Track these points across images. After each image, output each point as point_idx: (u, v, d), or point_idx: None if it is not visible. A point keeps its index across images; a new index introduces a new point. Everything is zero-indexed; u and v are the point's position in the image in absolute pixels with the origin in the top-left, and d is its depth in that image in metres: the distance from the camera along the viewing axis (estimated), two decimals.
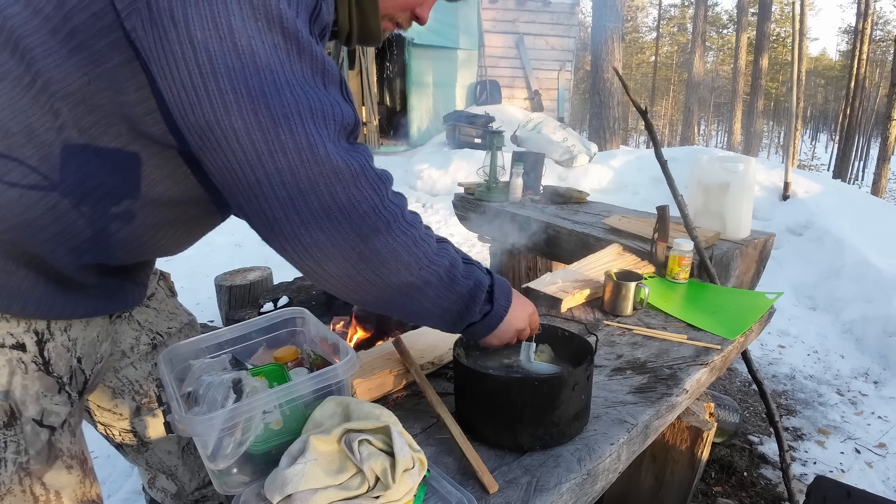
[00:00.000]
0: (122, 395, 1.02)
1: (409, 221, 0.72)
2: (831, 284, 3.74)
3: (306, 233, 0.64)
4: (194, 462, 1.12)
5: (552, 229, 2.29)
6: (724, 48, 27.89)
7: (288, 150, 0.61)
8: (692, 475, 1.55)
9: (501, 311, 0.88)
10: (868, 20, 17.09)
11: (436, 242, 0.77)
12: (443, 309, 0.80)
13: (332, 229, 0.64)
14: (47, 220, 0.71)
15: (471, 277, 0.81)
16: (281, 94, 0.60)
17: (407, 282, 0.73)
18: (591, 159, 6.26)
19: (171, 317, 1.08)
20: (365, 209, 0.66)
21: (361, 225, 0.66)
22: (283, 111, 0.60)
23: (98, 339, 0.90)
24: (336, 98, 0.66)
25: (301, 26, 0.62)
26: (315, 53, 0.63)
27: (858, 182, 18.97)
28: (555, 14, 9.63)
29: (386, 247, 0.68)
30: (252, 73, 0.59)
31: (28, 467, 0.78)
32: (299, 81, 0.62)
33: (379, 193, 0.67)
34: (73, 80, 0.65)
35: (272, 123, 0.60)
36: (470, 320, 0.85)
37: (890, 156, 12.11)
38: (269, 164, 0.61)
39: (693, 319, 1.43)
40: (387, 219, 0.68)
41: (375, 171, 0.68)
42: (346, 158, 0.64)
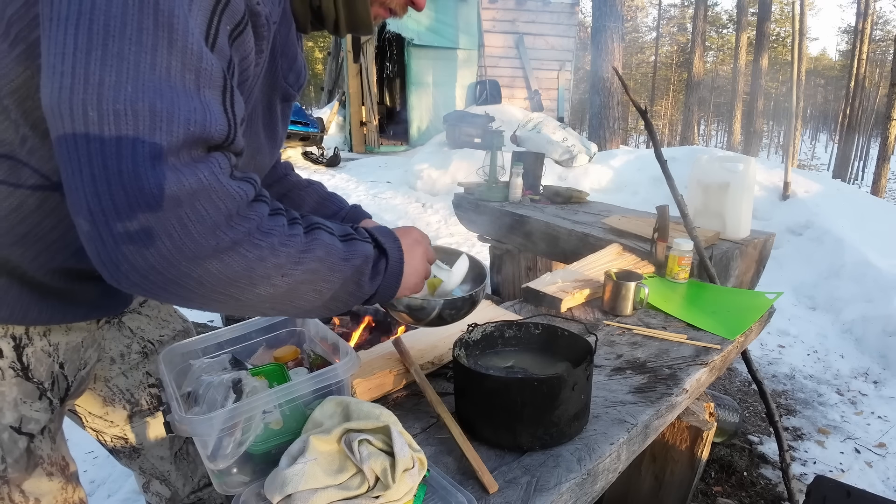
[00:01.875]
0: (114, 404, 1.00)
1: (266, 231, 0.61)
2: (831, 284, 3.75)
3: (123, 260, 0.53)
4: (187, 467, 1.11)
5: (552, 229, 2.29)
6: (724, 48, 27.90)
7: (108, 155, 0.51)
8: (692, 475, 1.55)
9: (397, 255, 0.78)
10: (868, 20, 17.10)
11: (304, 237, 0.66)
12: (328, 297, 0.71)
13: (158, 256, 0.54)
14: (12, 222, 0.69)
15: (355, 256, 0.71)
16: (120, 88, 0.51)
17: (268, 294, 0.63)
18: (590, 159, 6.26)
19: (164, 324, 1.05)
20: (200, 231, 0.55)
21: (196, 251, 0.55)
22: (116, 108, 0.51)
23: (83, 345, 0.87)
24: (208, 104, 0.56)
25: (182, 14, 0.53)
26: (190, 48, 0.54)
27: (858, 182, 18.99)
28: (555, 14, 9.64)
29: (231, 268, 0.58)
30: (98, 57, 0.51)
31: (6, 475, 0.77)
32: (156, 76, 0.52)
33: (223, 212, 0.56)
34: (15, 75, 0.63)
35: (98, 120, 0.51)
36: (367, 293, 0.75)
37: (890, 155, 12.11)
38: (87, 168, 0.51)
39: (693, 319, 1.43)
40: (233, 239, 0.57)
41: (224, 187, 0.57)
42: (183, 172, 0.53)
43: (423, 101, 9.09)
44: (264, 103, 0.79)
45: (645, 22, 32.99)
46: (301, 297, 0.67)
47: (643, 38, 32.23)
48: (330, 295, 0.70)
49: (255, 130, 0.80)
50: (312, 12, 0.79)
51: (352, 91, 9.05)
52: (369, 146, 9.30)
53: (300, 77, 0.85)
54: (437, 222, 5.43)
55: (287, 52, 0.78)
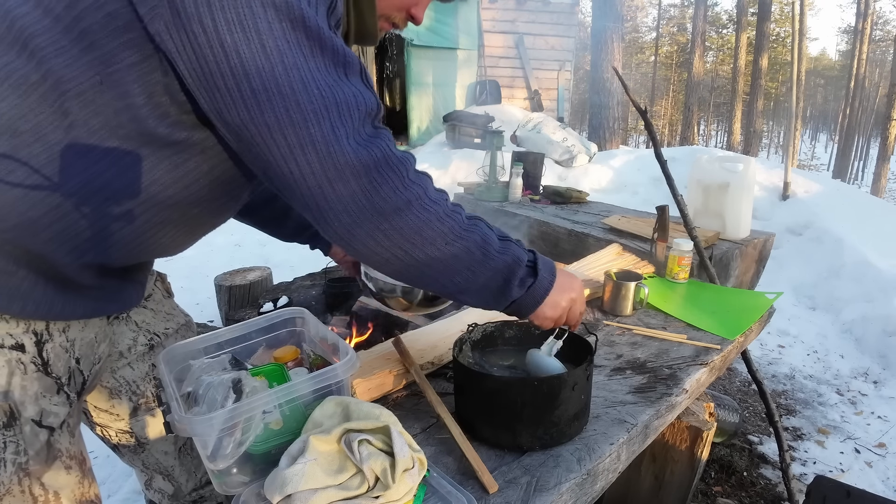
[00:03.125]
0: (120, 396, 1.01)
1: (433, 199, 0.75)
2: (831, 284, 3.75)
3: (335, 218, 0.70)
4: (191, 463, 1.12)
5: (552, 229, 2.29)
6: (724, 48, 27.89)
7: (317, 143, 0.66)
8: (692, 475, 1.55)
9: (546, 283, 0.88)
10: (868, 20, 17.10)
11: (465, 219, 0.79)
12: (479, 284, 0.82)
13: (358, 212, 0.69)
14: (50, 220, 0.71)
15: (507, 253, 0.83)
16: (309, 91, 0.64)
17: (434, 256, 0.76)
18: (590, 159, 6.25)
19: (168, 317, 1.08)
20: (386, 191, 0.70)
21: (383, 206, 0.70)
22: (312, 107, 0.65)
23: (96, 340, 0.90)
24: (358, 87, 0.70)
25: (321, 23, 0.66)
26: (336, 47, 0.67)
27: (858, 182, 19.00)
28: (555, 14, 9.63)
29: (408, 224, 0.72)
30: (281, 72, 0.63)
31: (27, 468, 0.79)
32: (324, 76, 0.66)
33: (399, 175, 0.71)
34: (84, 79, 0.65)
35: (302, 119, 0.64)
36: (512, 296, 0.86)
37: (889, 155, 12.12)
38: (300, 156, 0.66)
39: (693, 319, 1.43)
40: (407, 198, 0.72)
41: (396, 155, 0.72)
42: (369, 146, 0.69)
43: (423, 101, 9.08)
44: None
45: (645, 22, 33.00)
46: (458, 271, 0.79)
47: (643, 38, 32.23)
48: (482, 281, 0.82)
49: None
50: None
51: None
52: None
53: None
54: None
55: None
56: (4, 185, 0.68)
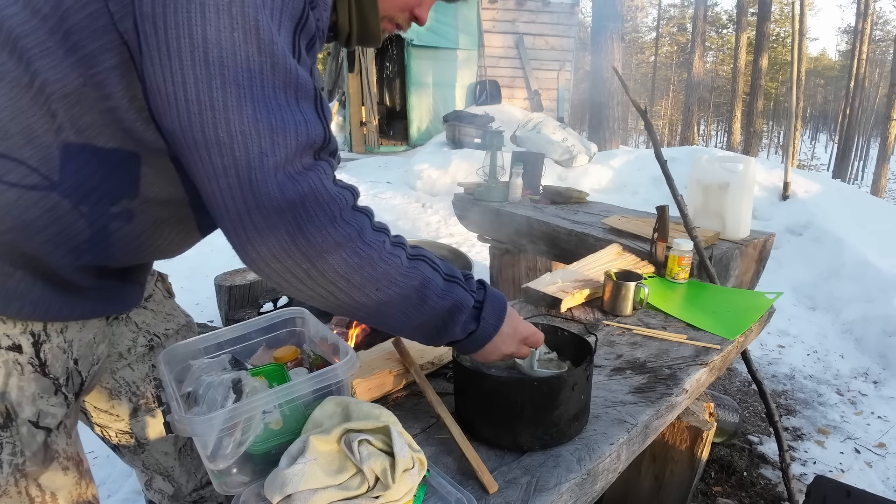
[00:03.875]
0: (120, 397, 1.01)
1: (368, 241, 0.70)
2: (831, 284, 3.75)
3: (253, 249, 0.66)
4: (191, 463, 1.12)
5: (552, 229, 2.29)
6: (724, 48, 27.89)
7: (240, 169, 0.61)
8: (692, 475, 1.55)
9: (489, 332, 0.85)
10: (868, 20, 17.10)
11: (406, 261, 0.74)
12: (413, 326, 0.79)
13: (278, 248, 0.65)
14: (46, 222, 0.71)
15: (449, 298, 0.78)
16: (243, 111, 0.60)
17: (362, 302, 0.72)
18: (590, 159, 6.26)
19: (169, 318, 1.08)
20: (311, 231, 0.65)
21: (307, 246, 0.66)
22: (242, 128, 0.60)
23: (95, 341, 0.89)
24: (307, 115, 0.65)
25: (279, 39, 0.61)
26: (289, 68, 0.63)
27: (858, 182, 19.00)
28: (554, 14, 9.63)
29: (334, 268, 0.68)
30: (218, 85, 0.59)
31: (24, 469, 0.78)
32: (267, 97, 0.61)
33: (329, 213, 0.66)
34: (68, 81, 0.65)
35: (229, 139, 0.60)
36: (450, 339, 0.83)
37: (889, 155, 12.12)
38: (223, 179, 0.62)
39: (693, 319, 1.43)
40: (336, 240, 0.67)
41: (328, 191, 0.67)
42: (297, 179, 0.64)
43: (423, 102, 9.08)
44: None
45: (645, 22, 33.00)
46: (390, 315, 0.76)
47: (643, 38, 32.23)
48: (418, 323, 0.78)
49: None
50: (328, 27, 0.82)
51: (351, 91, 9.04)
52: (369, 146, 9.29)
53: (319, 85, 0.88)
54: (437, 222, 5.43)
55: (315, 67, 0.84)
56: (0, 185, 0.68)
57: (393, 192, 6.36)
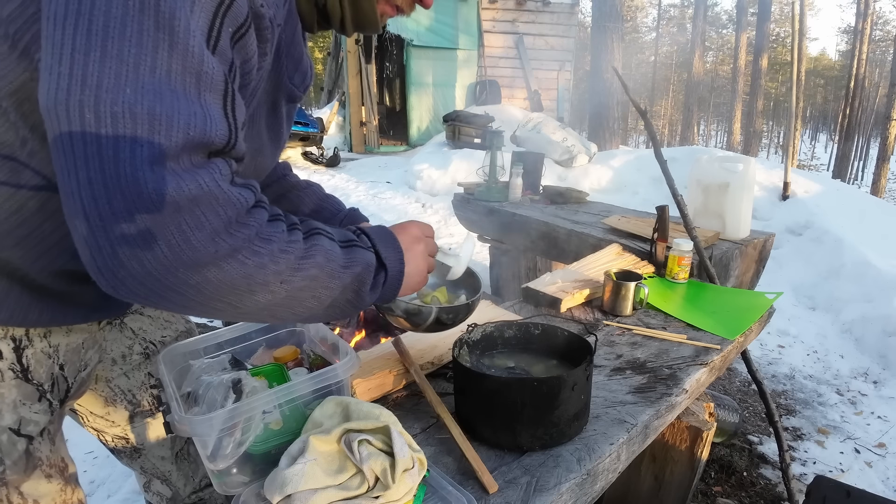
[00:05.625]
0: (115, 404, 0.99)
1: (265, 237, 0.60)
2: (831, 284, 3.75)
3: (119, 266, 0.52)
4: (188, 467, 1.11)
5: (552, 229, 2.29)
6: (724, 48, 27.90)
7: (105, 158, 0.50)
8: (692, 475, 1.55)
9: (398, 267, 0.76)
10: (868, 20, 17.10)
11: (303, 242, 0.65)
12: (326, 305, 0.69)
13: (155, 262, 0.53)
14: (13, 224, 0.68)
15: (355, 263, 0.70)
16: (119, 90, 0.50)
17: (266, 301, 0.62)
18: (590, 159, 6.26)
19: (167, 325, 1.05)
20: (200, 239, 0.54)
21: (195, 257, 0.54)
22: (114, 110, 0.50)
23: (83, 346, 0.87)
24: (207, 108, 0.55)
25: (183, 16, 0.52)
26: (191, 51, 0.53)
27: (858, 182, 19.00)
28: (554, 14, 9.64)
29: (230, 276, 0.57)
30: (96, 58, 0.50)
31: (4, 477, 0.76)
32: (157, 81, 0.51)
33: (223, 219, 0.56)
34: (13, 77, 0.62)
35: (95, 122, 0.50)
36: (367, 302, 0.74)
37: (889, 155, 12.12)
38: (83, 171, 0.50)
39: (693, 319, 1.43)
40: (232, 246, 0.56)
41: (224, 193, 0.56)
42: (182, 177, 0.52)
43: (423, 101, 9.09)
44: (268, 104, 0.79)
45: (645, 22, 33.01)
46: (300, 303, 0.66)
47: (643, 38, 32.25)
48: (329, 301, 0.69)
49: (258, 131, 0.80)
50: (318, 12, 0.78)
51: (351, 91, 9.05)
52: (369, 146, 9.30)
53: (306, 78, 0.84)
54: (437, 222, 5.43)
55: (293, 53, 0.77)
56: None
57: (393, 192, 6.36)
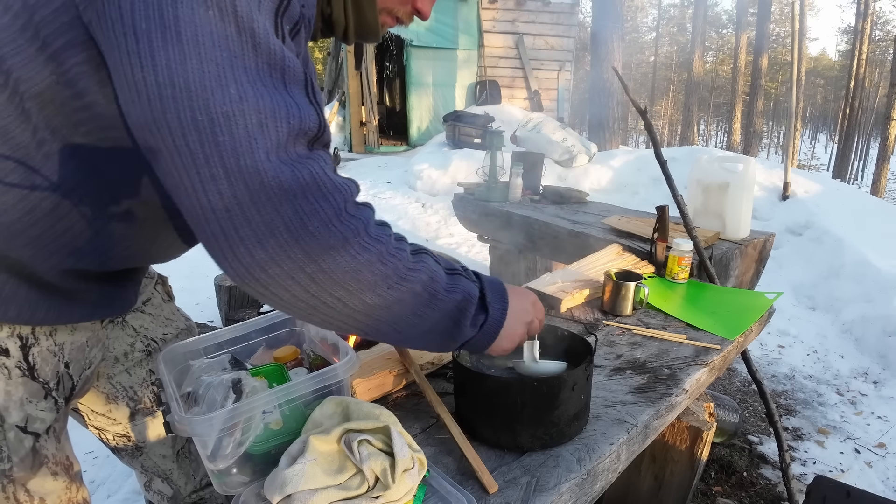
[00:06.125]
0: (117, 401, 1.00)
1: (374, 236, 0.63)
2: (831, 284, 3.75)
3: (246, 251, 0.57)
4: (189, 466, 1.12)
5: (552, 229, 2.29)
6: (724, 48, 27.89)
7: (225, 154, 0.54)
8: (692, 475, 1.55)
9: (499, 316, 0.79)
10: (868, 20, 17.10)
11: (410, 255, 0.68)
12: (425, 329, 0.72)
13: (276, 248, 0.57)
14: (25, 224, 0.69)
15: (456, 291, 0.73)
16: (224, 90, 0.54)
17: (373, 304, 0.65)
18: (590, 159, 6.25)
19: (167, 322, 1.06)
20: (315, 225, 0.58)
21: (310, 243, 0.58)
22: (224, 109, 0.54)
23: (87, 345, 0.88)
24: (297, 100, 0.60)
25: (259, 18, 0.56)
26: (273, 49, 0.57)
27: (858, 182, 19.00)
28: (555, 14, 9.63)
29: (342, 266, 0.60)
30: (194, 66, 0.53)
31: (11, 474, 0.77)
32: (251, 79, 0.56)
33: (334, 206, 0.60)
34: (40, 79, 0.62)
35: (209, 122, 0.54)
36: (464, 337, 0.77)
37: (889, 155, 12.12)
38: (204, 170, 0.54)
39: (693, 319, 1.43)
40: (343, 235, 0.60)
41: (332, 181, 0.60)
42: (296, 167, 0.57)
43: (423, 102, 9.09)
44: None
45: (645, 22, 33.02)
46: (401, 318, 0.69)
47: (643, 38, 32.25)
48: (429, 325, 0.72)
49: None
50: (323, 20, 0.79)
51: (351, 91, 9.04)
52: (369, 146, 9.30)
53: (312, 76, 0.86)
54: (437, 222, 5.43)
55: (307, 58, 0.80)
56: None
57: (393, 192, 6.36)
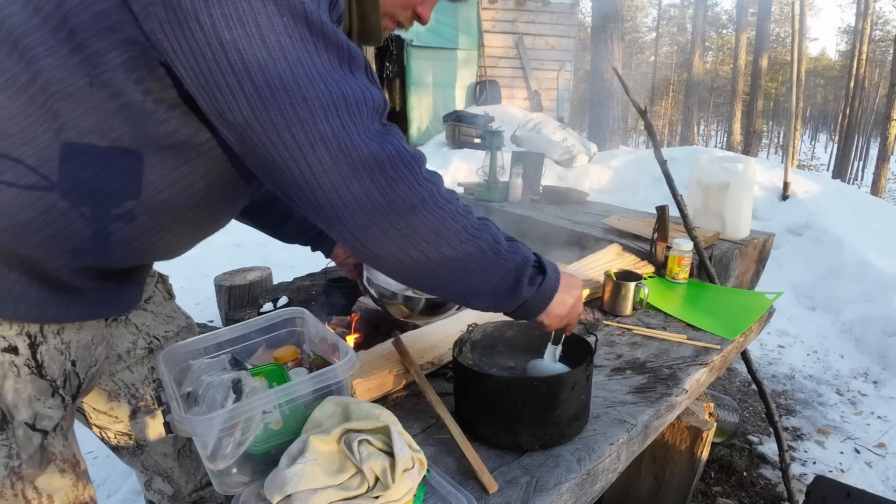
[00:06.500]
0: (118, 399, 1.01)
1: (446, 197, 0.74)
2: (831, 284, 3.75)
3: (350, 217, 0.67)
4: (190, 464, 1.12)
5: (552, 229, 2.29)
6: (724, 48, 27.89)
7: (328, 140, 0.63)
8: (692, 475, 1.55)
9: (555, 278, 0.88)
10: (868, 20, 17.11)
11: (476, 219, 0.78)
12: (492, 285, 0.81)
13: (374, 210, 0.68)
14: (41, 223, 0.70)
15: (516, 252, 0.82)
16: (315, 86, 0.62)
17: (449, 256, 0.74)
18: (590, 159, 6.25)
19: (169, 320, 1.07)
20: (402, 188, 0.68)
21: (399, 203, 0.69)
22: (320, 102, 0.63)
23: (93, 343, 0.89)
24: (364, 83, 0.68)
25: (324, 17, 0.64)
26: (340, 42, 0.65)
27: (858, 182, 19.00)
28: (554, 14, 9.62)
29: (424, 222, 0.71)
30: (284, 67, 0.61)
31: (20, 471, 0.78)
32: (329, 72, 0.64)
33: (413, 172, 0.70)
34: (73, 80, 0.64)
35: (310, 115, 0.62)
36: (523, 295, 0.84)
37: (889, 155, 12.12)
38: (311, 154, 0.63)
39: (693, 319, 1.43)
40: (423, 196, 0.70)
41: (409, 151, 0.70)
42: (381, 142, 0.67)
43: (423, 101, 9.08)
44: None
45: (645, 22, 33.02)
46: (471, 272, 0.78)
47: (643, 38, 32.25)
48: (494, 281, 0.80)
49: None
50: None
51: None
52: None
53: None
54: None
55: None
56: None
57: None
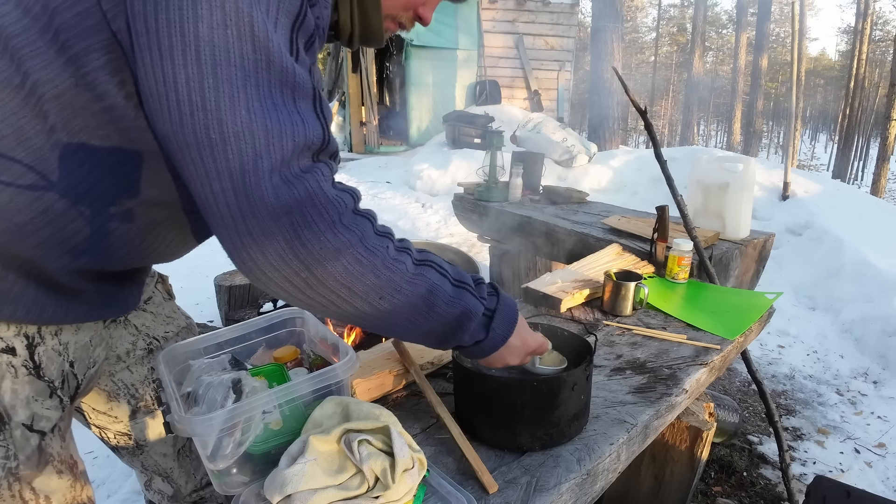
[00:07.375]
0: (118, 399, 1.01)
1: (370, 248, 0.67)
2: (831, 284, 3.75)
3: (248, 256, 0.63)
4: (190, 464, 1.12)
5: (552, 229, 2.29)
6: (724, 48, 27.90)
7: (233, 171, 0.59)
8: (692, 475, 1.55)
9: (496, 343, 0.84)
10: (868, 20, 17.11)
11: (412, 267, 0.71)
12: (421, 332, 0.77)
13: (275, 255, 0.62)
14: (38, 224, 0.70)
15: (457, 305, 0.76)
16: (236, 112, 0.58)
17: (364, 310, 0.70)
18: (590, 159, 6.25)
19: (168, 321, 1.07)
20: (308, 237, 0.62)
21: (304, 253, 0.63)
22: (235, 129, 0.58)
23: (91, 344, 0.89)
24: (304, 115, 0.63)
25: (275, 37, 0.59)
26: (285, 67, 0.61)
27: (858, 182, 18.99)
28: (554, 14, 9.63)
29: (334, 276, 0.65)
30: (210, 85, 0.57)
31: (17, 472, 0.78)
32: (262, 97, 0.59)
33: (327, 219, 0.64)
34: (60, 81, 0.64)
35: (221, 141, 0.58)
36: (457, 343, 0.82)
37: (889, 156, 12.13)
38: (216, 182, 0.60)
39: (693, 319, 1.43)
40: (336, 247, 0.64)
41: (326, 196, 0.64)
42: (293, 183, 0.61)
43: (423, 101, 9.08)
44: None
45: (645, 22, 33.03)
46: (395, 324, 0.74)
47: (643, 38, 32.26)
48: (425, 330, 0.76)
49: None
50: (329, 26, 0.80)
51: (351, 91, 9.04)
52: (369, 146, 9.29)
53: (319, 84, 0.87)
54: (437, 222, 5.43)
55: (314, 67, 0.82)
56: None
57: (393, 192, 6.36)
